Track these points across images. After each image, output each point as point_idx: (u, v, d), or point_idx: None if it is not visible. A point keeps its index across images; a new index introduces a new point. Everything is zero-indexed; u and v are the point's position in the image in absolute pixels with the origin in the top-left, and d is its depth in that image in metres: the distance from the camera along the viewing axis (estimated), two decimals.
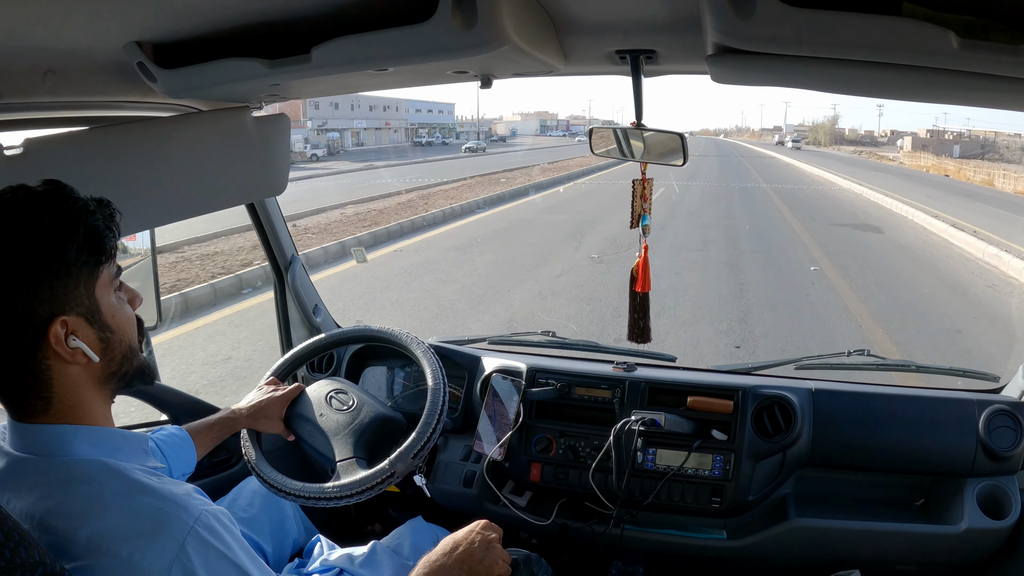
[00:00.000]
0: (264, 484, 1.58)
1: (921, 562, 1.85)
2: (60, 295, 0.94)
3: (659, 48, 1.27)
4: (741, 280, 8.60)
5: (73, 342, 0.94)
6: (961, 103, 1.21)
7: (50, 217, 0.93)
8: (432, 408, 1.60)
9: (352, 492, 1.50)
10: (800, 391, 1.92)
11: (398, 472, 1.52)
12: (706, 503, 1.85)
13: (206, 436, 1.56)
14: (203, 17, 1.14)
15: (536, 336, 2.33)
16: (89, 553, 0.91)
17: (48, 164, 1.24)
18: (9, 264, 0.90)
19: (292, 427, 1.66)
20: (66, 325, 0.94)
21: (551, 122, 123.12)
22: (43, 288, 0.92)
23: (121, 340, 1.02)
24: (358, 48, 1.10)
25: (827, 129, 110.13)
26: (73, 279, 0.95)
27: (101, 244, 0.97)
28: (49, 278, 0.92)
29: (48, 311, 0.93)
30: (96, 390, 1.01)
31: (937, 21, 0.83)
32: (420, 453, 1.56)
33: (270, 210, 2.19)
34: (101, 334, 0.99)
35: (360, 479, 1.51)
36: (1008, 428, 1.79)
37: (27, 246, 0.91)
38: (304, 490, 1.52)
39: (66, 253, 0.93)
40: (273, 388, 1.69)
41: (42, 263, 0.92)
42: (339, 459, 1.56)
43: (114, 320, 1.01)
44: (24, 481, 0.96)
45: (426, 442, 1.56)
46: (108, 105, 1.47)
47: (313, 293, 2.39)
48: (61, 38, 1.12)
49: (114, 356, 1.01)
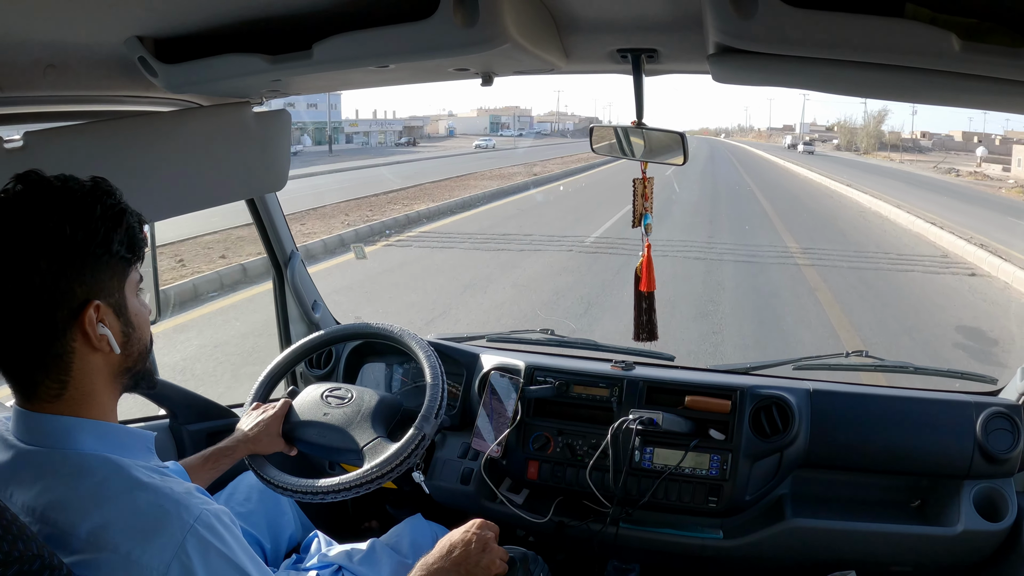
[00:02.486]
0: (293, 495, 1.55)
1: (917, 563, 1.85)
2: (99, 281, 0.97)
3: (660, 47, 1.27)
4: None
5: (102, 328, 0.97)
6: (962, 105, 1.21)
7: (101, 207, 0.96)
8: (434, 378, 1.62)
9: (392, 466, 1.50)
10: (798, 391, 1.92)
11: (427, 434, 1.54)
12: (703, 503, 1.85)
13: (202, 469, 1.53)
14: (205, 12, 1.14)
15: (535, 334, 2.33)
16: (89, 547, 0.91)
17: (48, 158, 1.24)
18: (62, 241, 0.93)
19: (295, 437, 1.64)
20: (99, 310, 0.96)
21: (510, 118, 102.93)
22: (87, 270, 0.95)
23: (140, 338, 1.05)
24: (359, 45, 1.10)
25: (870, 131, 78.40)
26: (111, 269, 0.98)
27: (137, 243, 1.02)
28: (94, 262, 0.96)
29: (86, 293, 0.95)
30: (109, 382, 1.02)
31: (939, 23, 0.84)
32: (439, 412, 1.58)
33: (270, 206, 2.19)
34: (125, 328, 1.01)
35: (395, 451, 1.51)
36: (1005, 431, 1.79)
37: (79, 227, 0.94)
38: (343, 483, 1.50)
39: (111, 243, 0.97)
40: (262, 410, 1.67)
41: (91, 247, 0.95)
42: (364, 444, 1.56)
43: (136, 318, 1.04)
44: (28, 473, 0.97)
45: (441, 401, 1.59)
46: (109, 100, 1.47)
47: (312, 289, 2.39)
48: (62, 32, 1.12)
49: (132, 351, 1.03)
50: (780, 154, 54.48)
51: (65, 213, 0.93)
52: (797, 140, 80.00)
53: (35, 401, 0.98)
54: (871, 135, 77.91)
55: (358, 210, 15.09)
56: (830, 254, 11.12)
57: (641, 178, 1.62)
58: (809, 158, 50.78)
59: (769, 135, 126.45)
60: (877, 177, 32.31)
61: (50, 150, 1.29)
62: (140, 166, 1.43)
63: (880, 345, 6.10)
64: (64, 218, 0.93)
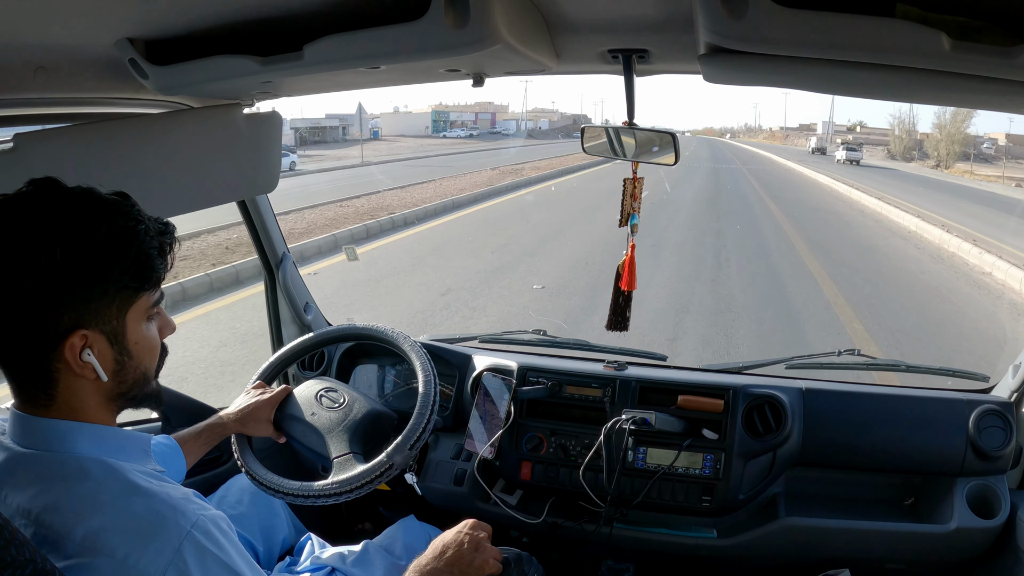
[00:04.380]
0: (261, 487, 1.56)
1: (910, 561, 1.86)
2: (92, 309, 0.93)
3: (651, 47, 1.27)
4: None
5: (87, 357, 0.93)
6: (953, 104, 1.22)
7: (108, 229, 0.92)
8: (425, 399, 1.59)
9: (352, 487, 1.50)
10: (791, 390, 1.92)
11: (396, 464, 1.52)
12: (696, 502, 1.85)
13: (194, 444, 1.54)
14: (195, 14, 1.14)
15: (527, 335, 2.33)
16: (84, 551, 0.90)
17: (38, 160, 1.23)
18: (49, 265, 0.88)
19: (283, 428, 1.64)
20: (85, 339, 0.93)
21: (469, 115, 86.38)
22: (76, 298, 0.91)
23: (137, 367, 1.01)
24: (350, 46, 1.10)
25: (955, 136, 49.14)
26: (108, 298, 0.94)
27: (148, 272, 0.96)
28: (85, 291, 0.91)
29: (73, 321, 0.91)
30: (100, 403, 0.99)
31: (930, 22, 0.84)
32: (416, 444, 1.55)
33: (261, 207, 2.18)
34: (119, 357, 0.98)
35: (359, 473, 1.51)
36: (998, 428, 1.80)
37: (75, 253, 0.89)
38: (303, 489, 1.51)
39: (110, 273, 0.92)
40: (260, 391, 1.68)
41: (84, 275, 0.91)
42: (335, 456, 1.56)
43: (136, 347, 0.99)
44: (24, 476, 0.96)
45: (422, 432, 1.56)
46: (99, 102, 1.46)
47: (304, 291, 2.38)
48: (52, 34, 1.11)
49: (125, 379, 1.00)
50: (809, 163, 36.70)
51: (61, 234, 0.89)
52: (824, 143, 58.93)
53: (29, 406, 0.97)
54: (957, 140, 49.59)
55: None
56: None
57: (632, 178, 1.62)
58: (857, 171, 34.11)
59: (785, 136, 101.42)
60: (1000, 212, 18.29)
61: (40, 152, 1.28)
62: (131, 168, 1.43)
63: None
64: (56, 240, 0.88)
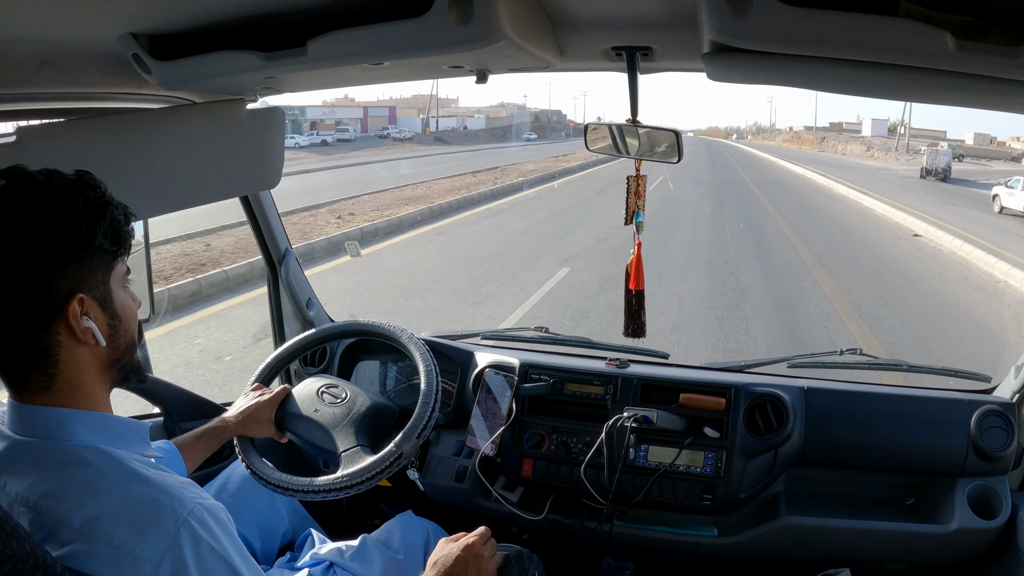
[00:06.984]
0: (269, 486, 1.55)
1: (911, 561, 1.86)
2: (82, 275, 0.97)
3: (655, 45, 1.27)
4: None
5: (86, 322, 0.97)
6: (957, 104, 1.21)
7: (83, 199, 0.96)
8: (428, 389, 1.59)
9: (363, 478, 1.49)
10: (792, 389, 1.92)
11: (405, 453, 1.52)
12: (697, 500, 1.85)
13: (194, 448, 1.54)
14: (199, 9, 1.14)
15: (529, 332, 2.33)
16: (82, 537, 0.92)
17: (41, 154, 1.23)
18: (43, 235, 0.93)
19: (286, 427, 1.64)
20: (83, 303, 0.97)
21: (353, 112, 66.55)
22: (69, 264, 0.96)
23: (126, 331, 1.05)
24: (354, 42, 1.10)
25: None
26: (95, 262, 0.99)
27: (121, 237, 1.02)
28: (76, 256, 0.96)
29: (69, 287, 0.96)
30: (97, 375, 1.02)
31: (934, 21, 0.83)
32: (423, 433, 1.55)
33: (264, 203, 2.18)
34: (111, 321, 1.02)
35: (369, 464, 1.50)
36: (999, 428, 1.79)
37: (61, 222, 0.94)
38: (312, 485, 1.50)
39: (94, 236, 0.97)
40: (260, 393, 1.68)
41: (73, 240, 0.95)
42: (343, 450, 1.55)
43: (122, 311, 1.04)
44: (23, 464, 0.97)
45: (427, 421, 1.56)
46: (102, 96, 1.46)
47: (306, 287, 2.38)
48: (56, 29, 1.12)
49: (119, 344, 1.04)
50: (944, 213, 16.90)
51: (47, 207, 0.93)
52: (946, 159, 32.12)
53: (26, 394, 0.98)
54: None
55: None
56: None
57: (635, 175, 1.62)
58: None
59: (821, 139, 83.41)
60: None
61: (43, 146, 1.28)
62: (134, 163, 1.43)
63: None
64: (46, 212, 0.93)
